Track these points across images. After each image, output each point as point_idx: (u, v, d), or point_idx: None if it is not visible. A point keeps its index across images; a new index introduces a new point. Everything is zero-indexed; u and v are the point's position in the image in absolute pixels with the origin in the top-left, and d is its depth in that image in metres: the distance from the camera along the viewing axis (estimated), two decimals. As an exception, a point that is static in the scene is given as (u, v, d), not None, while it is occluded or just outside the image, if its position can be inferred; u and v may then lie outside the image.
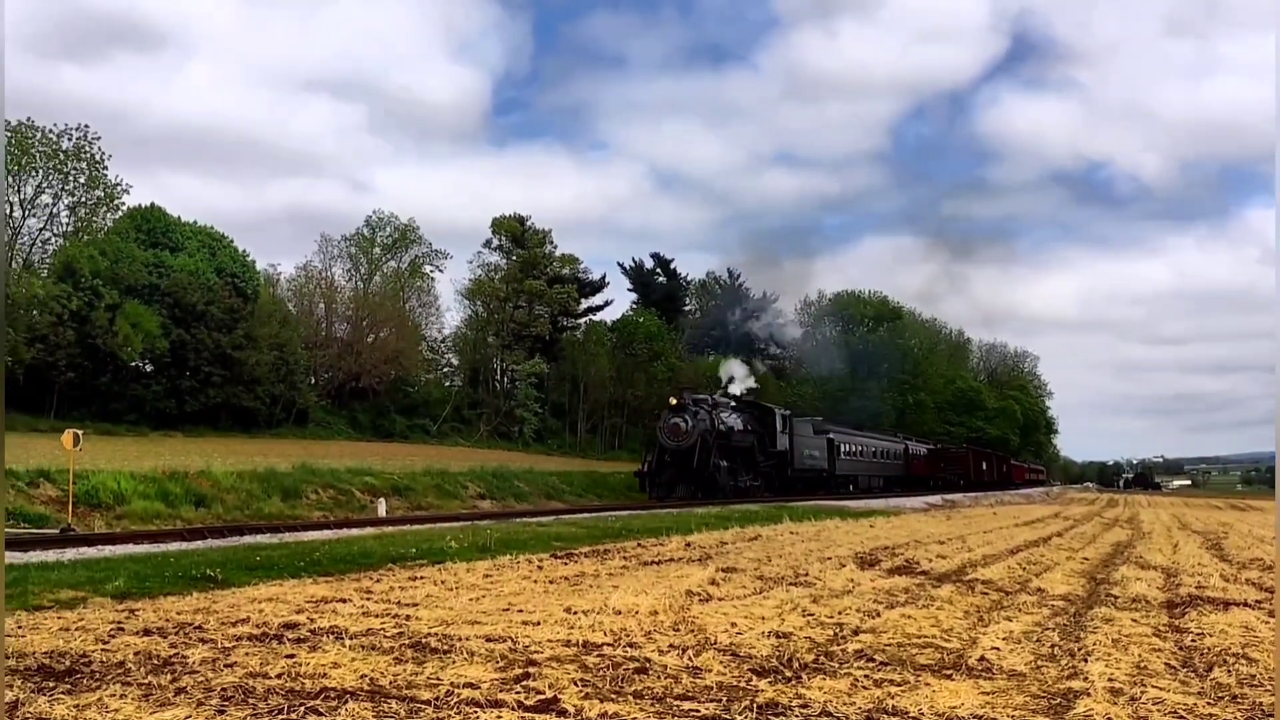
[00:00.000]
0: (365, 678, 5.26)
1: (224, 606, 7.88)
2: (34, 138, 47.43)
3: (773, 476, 40.57)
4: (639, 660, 5.85)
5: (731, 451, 36.80)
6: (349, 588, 9.24)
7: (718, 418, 36.62)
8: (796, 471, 42.46)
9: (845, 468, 49.60)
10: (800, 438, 43.37)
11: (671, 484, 34.69)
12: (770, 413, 41.93)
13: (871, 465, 54.98)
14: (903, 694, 5.23)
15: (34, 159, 47.48)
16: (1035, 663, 6.23)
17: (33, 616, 7.43)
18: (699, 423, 35.24)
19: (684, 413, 35.46)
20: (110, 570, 9.98)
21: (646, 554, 13.18)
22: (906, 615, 7.90)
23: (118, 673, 5.41)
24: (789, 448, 41.88)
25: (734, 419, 38.40)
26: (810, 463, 44.34)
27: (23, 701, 4.77)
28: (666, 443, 35.23)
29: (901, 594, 9.39)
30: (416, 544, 13.51)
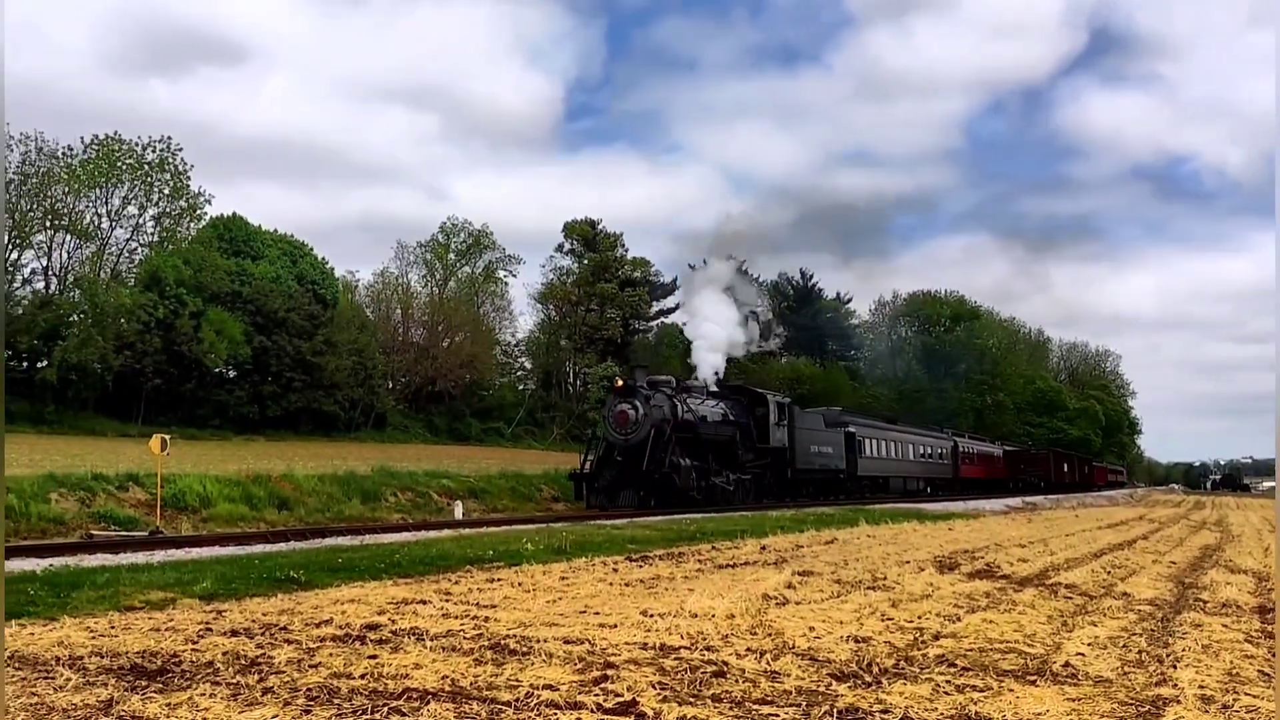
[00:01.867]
0: (446, 679, 5.32)
1: (307, 608, 8.03)
2: (120, 151, 48.78)
3: (765, 478, 33.39)
4: (717, 664, 5.84)
5: (701, 446, 29.48)
6: (428, 589, 9.36)
7: (682, 404, 29.41)
8: (800, 472, 35.54)
9: (871, 468, 42.54)
10: (805, 431, 36.20)
11: (614, 488, 27.36)
12: (760, 400, 34.27)
13: (907, 465, 47.58)
14: (986, 700, 5.15)
15: (120, 171, 48.83)
16: (1122, 669, 6.09)
17: (124, 617, 7.64)
18: (654, 410, 27.84)
19: (633, 398, 27.93)
20: (197, 572, 10.22)
21: (721, 557, 13.14)
22: (988, 620, 7.77)
23: (207, 672, 5.54)
24: (788, 443, 34.60)
25: (708, 406, 31.19)
26: (821, 461, 37.39)
27: (116, 700, 4.91)
28: (612, 435, 28.00)
29: (982, 598, 9.24)
30: (493, 546, 13.63)
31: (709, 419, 30.55)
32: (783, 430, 34.31)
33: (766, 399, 34.25)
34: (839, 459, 38.84)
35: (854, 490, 40.03)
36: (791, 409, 35.75)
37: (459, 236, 71.36)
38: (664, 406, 28.22)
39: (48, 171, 46.49)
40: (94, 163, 48.07)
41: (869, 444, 42.54)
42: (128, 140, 49.12)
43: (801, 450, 35.46)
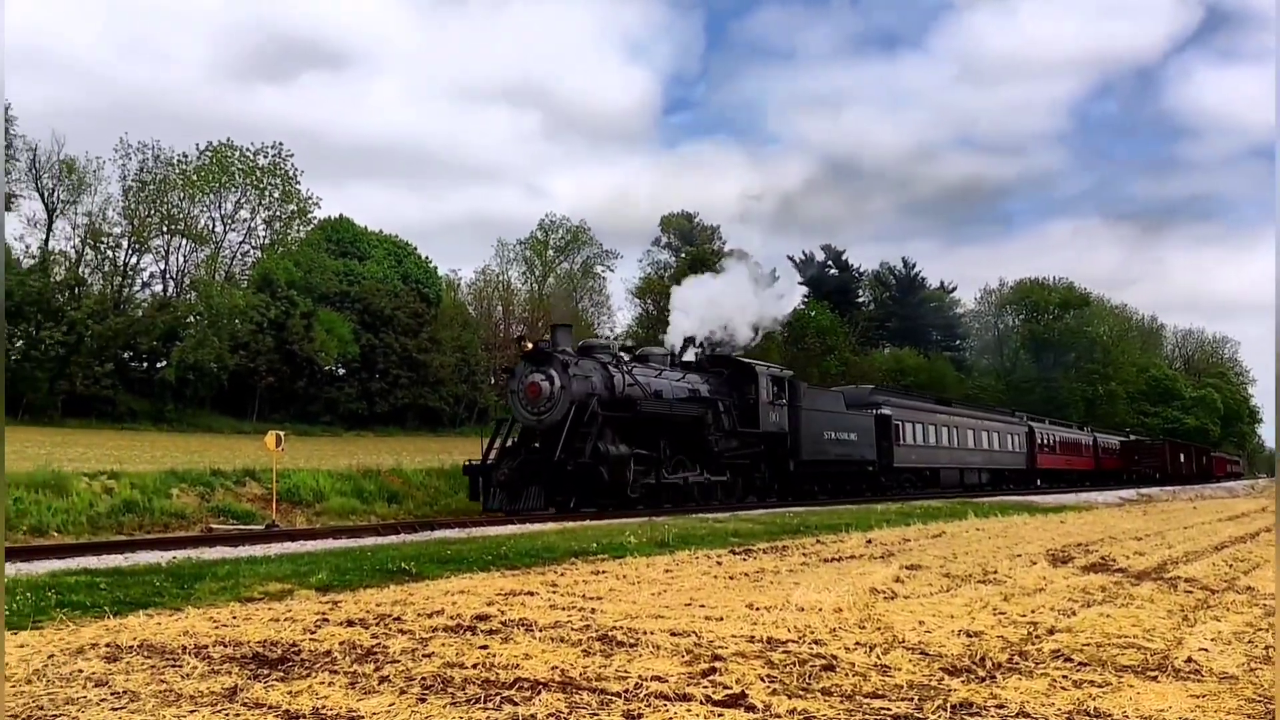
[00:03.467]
0: (556, 669, 5.39)
1: (419, 599, 8.20)
2: (233, 157, 50.38)
3: (752, 471, 27.08)
4: (825, 657, 5.80)
5: (649, 430, 22.82)
6: (535, 581, 9.47)
7: (623, 375, 23.34)
8: (807, 464, 29.04)
9: (911, 458, 36.01)
10: (814, 413, 29.61)
11: (518, 484, 21.03)
12: (747, 374, 27.52)
13: (962, 455, 40.53)
14: (1104, 696, 5.02)
15: (233, 177, 50.46)
16: (1248, 665, 5.87)
17: (245, 607, 7.90)
18: (576, 381, 21.79)
19: (548, 365, 21.80)
20: (313, 564, 10.51)
21: (826, 551, 13.04)
22: (1105, 614, 7.57)
23: (325, 661, 5.69)
24: (790, 427, 28.14)
25: (667, 380, 25.13)
26: (838, 451, 30.84)
27: (240, 687, 5.08)
28: (521, 414, 22.06)
29: (1098, 592, 9.00)
30: (597, 539, 13.74)
31: (665, 395, 24.33)
32: (780, 412, 27.90)
33: (755, 371, 27.58)
34: (866, 447, 32.42)
35: (889, 486, 34.19)
36: (794, 385, 29.28)
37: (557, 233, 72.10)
38: (592, 378, 22.31)
39: (164, 178, 48.28)
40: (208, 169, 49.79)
41: (909, 429, 36.14)
42: (239, 146, 50.82)
43: (809, 437, 28.97)
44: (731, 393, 26.90)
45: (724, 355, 29.78)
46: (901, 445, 35.10)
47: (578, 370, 22.12)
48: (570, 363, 22.12)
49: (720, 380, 27.29)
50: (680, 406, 24.33)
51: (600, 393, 22.18)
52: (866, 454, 32.53)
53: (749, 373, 27.73)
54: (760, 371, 27.76)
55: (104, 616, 7.34)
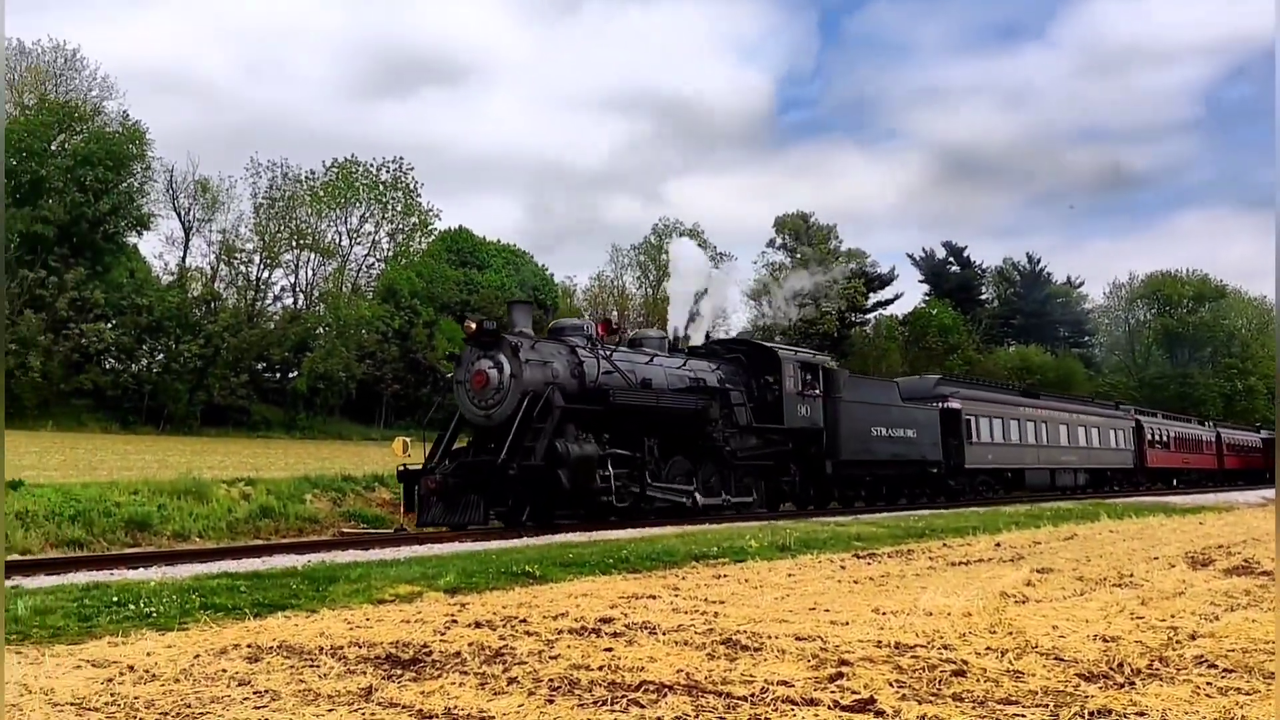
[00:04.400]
0: (681, 672, 5.40)
1: (544, 601, 8.31)
2: (357, 173, 51.92)
3: (783, 474, 23.46)
4: (955, 662, 5.68)
5: (630, 427, 19.18)
6: (657, 584, 9.51)
7: (598, 360, 19.53)
8: (849, 465, 24.96)
9: (985, 457, 31.49)
10: (858, 406, 25.45)
11: (456, 492, 17.39)
12: (768, 361, 23.72)
13: (1051, 453, 35.87)
14: (1253, 703, 4.80)
15: (358, 192, 52.00)
16: None
17: (377, 609, 8.12)
18: (529, 369, 18.09)
19: (497, 350, 18.28)
20: (440, 567, 10.73)
21: (953, 554, 12.77)
22: (1250, 619, 7.24)
23: (455, 662, 5.81)
24: (825, 422, 24.28)
25: (660, 366, 21.20)
26: (891, 450, 26.58)
27: (375, 687, 5.22)
28: (468, 409, 18.53)
29: (1242, 596, 8.62)
30: (717, 543, 13.71)
31: (658, 385, 20.46)
32: (812, 405, 24.00)
33: (778, 356, 23.67)
34: (928, 446, 28.19)
35: (959, 490, 30.18)
36: (830, 374, 25.35)
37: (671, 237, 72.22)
38: (553, 364, 18.58)
39: (292, 195, 50.02)
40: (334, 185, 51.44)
41: (984, 425, 31.84)
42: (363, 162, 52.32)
43: (850, 433, 24.93)
44: (749, 382, 23.30)
45: (741, 339, 26.40)
46: (975, 443, 30.89)
47: (533, 355, 18.34)
48: (523, 346, 18.26)
49: (735, 368, 23.44)
50: (673, 398, 20.20)
51: (564, 382, 18.50)
52: (929, 453, 28.25)
53: (770, 358, 23.74)
54: (784, 357, 23.83)
55: (244, 618, 7.62)
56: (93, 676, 5.55)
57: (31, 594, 8.42)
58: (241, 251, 49.20)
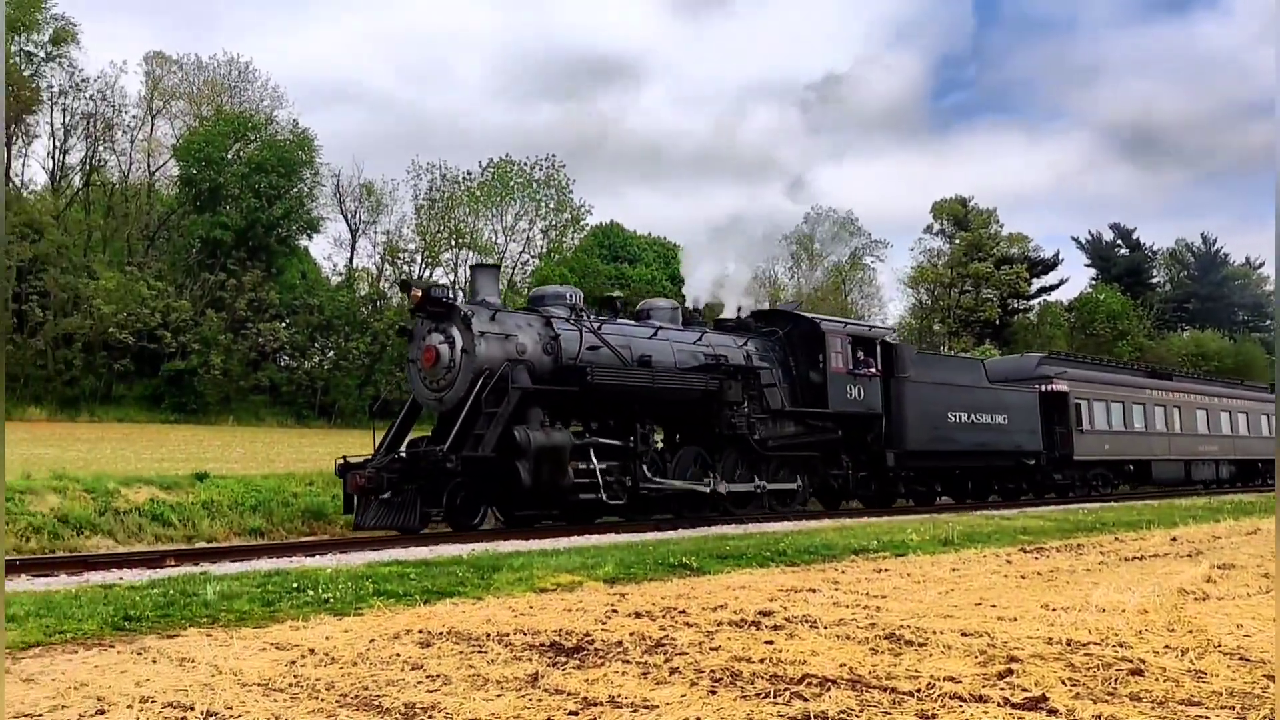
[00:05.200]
0: (844, 666, 5.34)
1: (702, 592, 8.34)
2: (512, 172, 53.07)
3: (820, 467, 20.40)
4: (1132, 661, 5.45)
5: (622, 412, 17.01)
6: (816, 578, 9.43)
7: (580, 335, 17.01)
8: (915, 455, 21.91)
9: (1100, 448, 27.81)
10: (928, 387, 22.32)
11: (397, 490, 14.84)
12: (811, 334, 20.69)
13: (1186, 443, 31.59)
14: None
15: (512, 191, 53.16)
16: None
17: (540, 598, 8.30)
18: (486, 343, 15.74)
19: (449, 322, 16.03)
20: (599, 557, 10.89)
21: (1125, 549, 12.27)
22: None
23: (617, 651, 5.89)
24: (885, 405, 21.35)
25: (666, 341, 18.34)
26: (970, 438, 23.17)
27: (541, 674, 5.33)
28: (419, 392, 16.38)
29: None
30: (876, 536, 13.51)
31: (659, 362, 17.61)
32: (866, 386, 20.94)
33: (821, 330, 20.50)
34: (1024, 434, 24.79)
35: (1067, 485, 26.84)
36: (892, 349, 22.17)
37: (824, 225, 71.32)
38: (517, 337, 16.13)
39: (451, 195, 51.46)
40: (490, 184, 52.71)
41: (1098, 410, 28.08)
42: (517, 161, 53.45)
43: (918, 419, 21.82)
44: (787, 360, 20.46)
45: (780, 309, 22.95)
46: (1086, 431, 27.19)
47: (492, 327, 15.90)
48: (479, 316, 15.87)
49: (770, 343, 20.52)
50: (677, 378, 17.46)
51: (533, 358, 16.14)
52: (1025, 442, 24.85)
53: (812, 331, 20.59)
54: (829, 329, 20.71)
55: (415, 604, 7.90)
56: (277, 659, 5.84)
57: (219, 580, 8.92)
58: (404, 251, 50.92)
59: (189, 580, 8.91)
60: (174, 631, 6.80)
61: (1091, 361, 33.96)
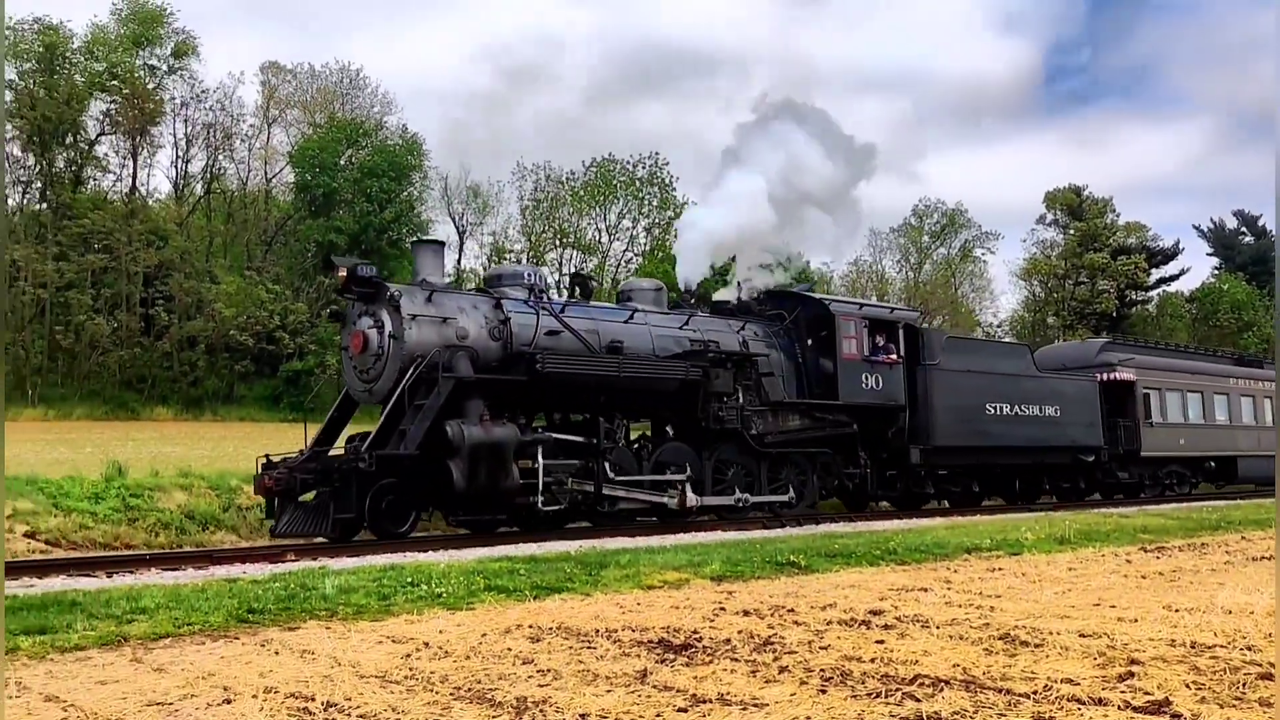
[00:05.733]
0: (957, 666, 5.26)
1: (810, 591, 8.29)
2: (614, 170, 53.37)
3: (837, 466, 18.34)
4: (1260, 665, 5.25)
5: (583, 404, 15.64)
6: (927, 577, 9.29)
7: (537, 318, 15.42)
8: (948, 453, 20.00)
9: (1172, 443, 25.35)
10: (962, 376, 20.24)
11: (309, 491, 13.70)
12: (820, 314, 18.85)
13: (1271, 437, 27.97)
14: None
15: (615, 189, 53.46)
16: None
17: (647, 595, 8.34)
18: (419, 327, 14.29)
19: (377, 304, 14.52)
20: (705, 555, 10.89)
21: (1253, 548, 11.81)
22: None
23: (725, 649, 5.89)
24: (909, 396, 19.39)
25: (643, 325, 16.71)
26: (1016, 433, 21.09)
27: (650, 670, 5.37)
28: (352, 383, 15.03)
29: None
30: (989, 534, 13.24)
31: (632, 348, 16.01)
32: (887, 375, 18.94)
33: (830, 312, 18.64)
34: (1080, 428, 22.53)
35: (1135, 484, 24.46)
36: (918, 334, 20.19)
37: (932, 218, 70.06)
38: (458, 320, 14.65)
39: (555, 196, 52.01)
40: (593, 184, 53.10)
41: (1171, 401, 25.58)
42: (620, 160, 53.73)
43: (950, 411, 19.77)
44: (793, 346, 18.60)
45: (787, 290, 20.54)
46: (1157, 424, 24.62)
47: (426, 309, 14.41)
48: (411, 297, 14.40)
49: (775, 328, 18.74)
50: (646, 366, 15.74)
51: (477, 344, 14.63)
52: (1081, 437, 22.54)
53: (820, 314, 18.71)
54: (840, 310, 18.75)
55: (525, 600, 8.02)
56: (393, 652, 5.99)
57: (336, 574, 9.17)
58: (510, 252, 51.60)
59: (308, 575, 9.18)
60: (295, 624, 7.01)
61: (1165, 348, 31.23)
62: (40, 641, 6.24)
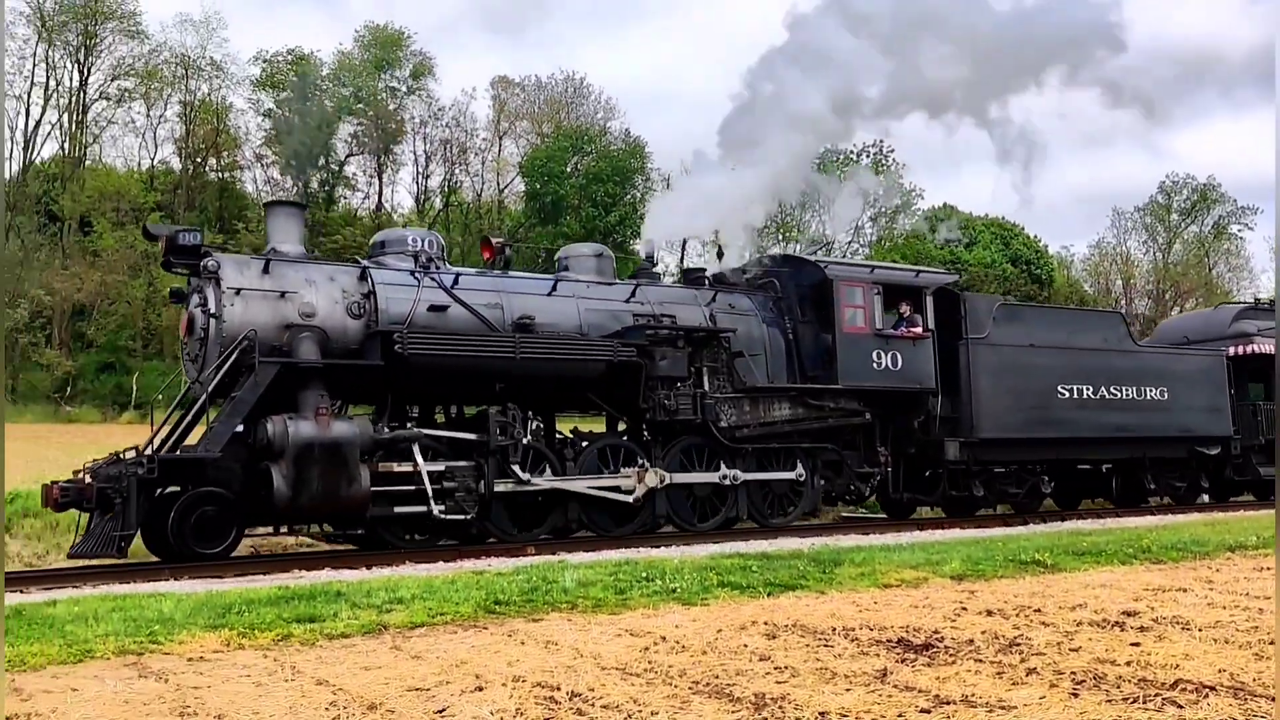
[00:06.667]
0: (1223, 672, 4.92)
1: (1058, 591, 7.94)
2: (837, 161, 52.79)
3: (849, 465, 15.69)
4: None
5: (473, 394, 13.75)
6: (1186, 576, 8.73)
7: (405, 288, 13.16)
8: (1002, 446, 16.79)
9: None
10: (1006, 351, 16.91)
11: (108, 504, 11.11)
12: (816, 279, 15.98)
13: None
14: None
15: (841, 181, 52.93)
16: None
17: (884, 593, 8.21)
18: (244, 304, 12.10)
19: (207, 281, 12.21)
20: (944, 553, 10.60)
21: None
22: None
23: (968, 649, 5.73)
24: (948, 378, 16.41)
25: (562, 299, 14.24)
26: (1100, 421, 17.60)
27: (890, 670, 5.28)
28: (188, 370, 12.93)
29: None
30: (1255, 531, 12.30)
31: (548, 326, 13.66)
32: (913, 353, 15.98)
33: (826, 277, 15.69)
34: (1198, 414, 18.71)
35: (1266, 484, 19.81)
36: (958, 305, 16.87)
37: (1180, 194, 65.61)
38: (301, 295, 12.41)
39: (777, 190, 51.98)
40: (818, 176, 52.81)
41: None
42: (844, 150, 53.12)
43: (1000, 396, 16.64)
44: (782, 319, 15.82)
45: (783, 256, 18.18)
46: None
47: (259, 283, 12.29)
48: (233, 268, 12.31)
49: (760, 300, 15.95)
50: (557, 347, 13.24)
51: (327, 323, 12.43)
52: (1200, 424, 18.76)
53: (817, 279, 15.85)
54: (839, 275, 15.75)
55: (759, 596, 8.04)
56: (631, 645, 6.13)
57: (575, 568, 9.46)
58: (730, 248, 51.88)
59: (548, 568, 9.51)
60: (538, 616, 7.29)
61: None
62: (310, 629, 6.73)
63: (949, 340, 16.49)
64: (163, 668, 5.65)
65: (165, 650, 6.13)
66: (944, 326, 16.46)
